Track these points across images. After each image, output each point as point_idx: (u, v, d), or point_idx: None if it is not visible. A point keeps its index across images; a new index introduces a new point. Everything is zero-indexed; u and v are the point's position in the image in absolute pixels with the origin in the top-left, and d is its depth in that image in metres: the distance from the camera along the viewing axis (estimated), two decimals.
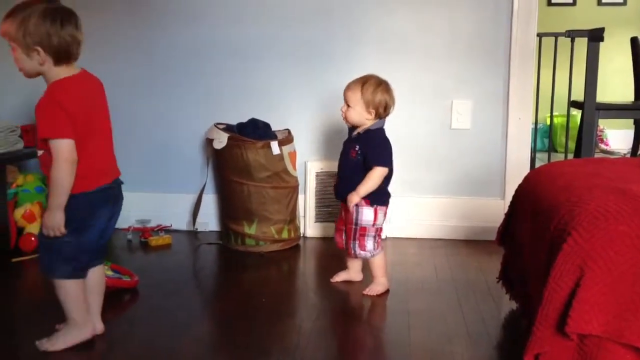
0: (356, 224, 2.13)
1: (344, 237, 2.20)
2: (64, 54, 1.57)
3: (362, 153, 2.10)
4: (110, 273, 2.10)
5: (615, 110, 3.51)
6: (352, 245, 2.15)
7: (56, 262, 1.64)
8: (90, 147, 1.63)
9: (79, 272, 1.69)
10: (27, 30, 1.51)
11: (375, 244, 2.15)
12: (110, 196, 1.70)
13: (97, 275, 1.77)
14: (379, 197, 2.13)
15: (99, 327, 1.75)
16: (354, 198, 2.09)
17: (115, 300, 2.04)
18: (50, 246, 1.64)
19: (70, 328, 1.69)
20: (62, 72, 1.60)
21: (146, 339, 1.79)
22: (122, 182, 1.76)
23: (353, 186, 2.10)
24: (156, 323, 1.90)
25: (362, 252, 2.14)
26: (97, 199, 1.66)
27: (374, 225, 2.13)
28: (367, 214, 2.11)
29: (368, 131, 2.11)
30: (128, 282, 2.14)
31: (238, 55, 2.88)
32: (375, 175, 2.08)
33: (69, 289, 1.66)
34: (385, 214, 2.16)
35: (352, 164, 2.12)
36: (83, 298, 1.70)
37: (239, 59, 2.88)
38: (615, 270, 1.20)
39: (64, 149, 1.55)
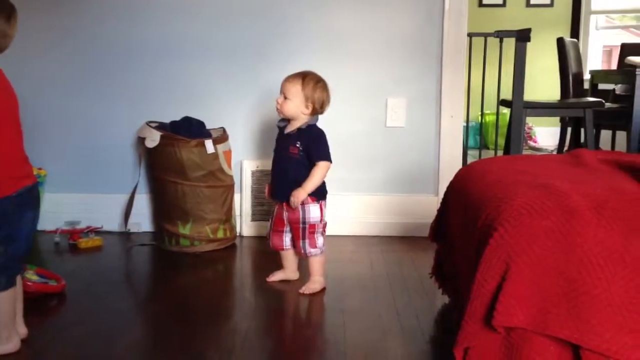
0: (304, 223, 2.11)
1: (285, 238, 2.18)
2: None
3: (305, 149, 2.09)
4: (35, 278, 2.02)
5: (541, 109, 3.64)
6: (302, 245, 2.13)
7: None
8: (11, 147, 1.56)
9: (12, 282, 1.61)
10: None
11: (324, 239, 2.16)
12: (32, 198, 1.64)
13: (17, 280, 1.68)
14: (322, 192, 2.14)
15: (22, 331, 1.69)
16: (301, 194, 2.06)
17: (41, 306, 1.96)
18: None
19: None
20: None
21: (75, 345, 1.73)
22: (39, 183, 1.70)
23: (295, 184, 2.08)
24: (85, 328, 1.84)
25: (312, 250, 2.13)
26: (22, 202, 1.59)
27: (321, 220, 2.14)
28: (314, 211, 2.11)
29: (310, 127, 2.10)
30: (54, 287, 2.05)
31: (171, 53, 2.82)
32: (322, 171, 2.09)
33: (2, 302, 1.58)
34: (325, 207, 2.17)
35: (292, 161, 2.10)
36: (13, 310, 1.62)
37: (173, 56, 2.83)
38: (539, 264, 1.24)
39: None
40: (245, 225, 2.85)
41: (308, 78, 2.09)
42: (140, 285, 2.37)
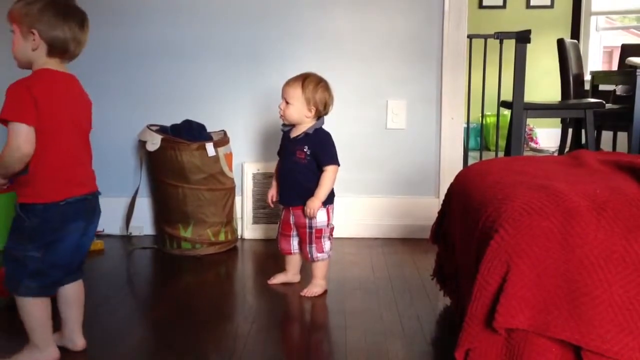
0: (311, 227, 2.10)
1: (292, 242, 2.18)
2: (58, 47, 1.54)
3: (313, 154, 2.08)
4: None
5: (542, 110, 3.64)
6: (309, 250, 2.12)
7: (22, 276, 1.54)
8: (63, 151, 1.54)
9: (47, 290, 1.58)
10: (29, 12, 1.51)
11: (331, 244, 2.15)
12: (84, 208, 1.59)
13: (76, 290, 1.67)
14: (329, 196, 2.12)
15: (79, 343, 1.68)
16: (316, 203, 2.06)
17: None
18: (16, 259, 1.54)
19: (31, 350, 1.59)
20: (51, 65, 1.55)
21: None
22: (99, 194, 1.66)
23: (302, 189, 2.08)
24: (87, 332, 1.83)
25: (319, 255, 2.12)
26: (69, 211, 1.55)
27: (328, 225, 2.13)
28: (320, 216, 2.10)
29: (317, 130, 2.10)
30: None
31: (172, 56, 2.83)
32: (331, 175, 2.08)
33: (31, 309, 1.56)
34: (333, 211, 2.16)
35: (300, 166, 2.09)
36: (47, 319, 1.59)
37: (173, 59, 2.83)
38: (539, 265, 1.24)
39: (22, 135, 1.46)
40: (246, 228, 2.85)
41: (308, 80, 2.08)
42: (141, 289, 2.37)
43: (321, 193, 2.07)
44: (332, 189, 2.14)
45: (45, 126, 1.50)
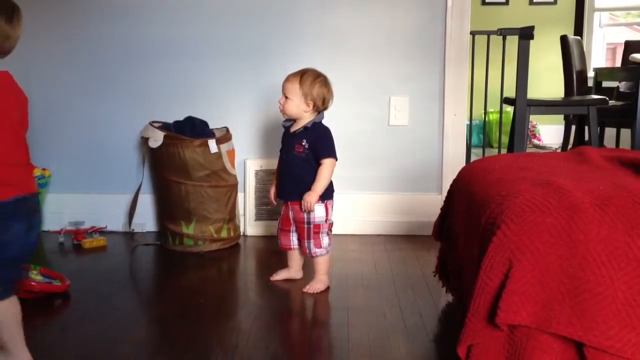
0: (309, 223, 2.11)
1: (292, 237, 2.18)
2: None
3: (311, 147, 2.08)
4: (39, 278, 2.03)
5: (545, 107, 3.62)
6: (307, 245, 2.13)
7: None
8: None
9: (7, 292, 1.49)
10: None
11: (329, 239, 2.15)
12: (23, 209, 1.49)
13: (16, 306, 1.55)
14: (328, 192, 2.12)
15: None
16: (312, 197, 2.06)
17: (45, 306, 1.97)
18: None
19: (5, 356, 1.53)
20: None
21: (79, 345, 1.73)
22: (38, 194, 1.55)
23: (301, 183, 2.08)
24: (89, 329, 1.84)
25: (318, 250, 2.12)
26: (10, 212, 1.45)
27: (326, 221, 2.13)
28: (319, 211, 2.10)
29: (315, 124, 2.10)
30: (58, 287, 2.06)
31: (174, 53, 2.83)
32: (328, 169, 2.08)
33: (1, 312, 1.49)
34: (332, 207, 2.16)
35: (298, 160, 2.09)
36: (18, 321, 1.51)
37: (175, 56, 2.83)
38: (542, 261, 1.24)
39: None
40: (248, 224, 2.85)
41: (306, 75, 2.08)
42: (144, 285, 2.37)
43: (318, 187, 2.07)
44: (332, 184, 2.14)
45: None
